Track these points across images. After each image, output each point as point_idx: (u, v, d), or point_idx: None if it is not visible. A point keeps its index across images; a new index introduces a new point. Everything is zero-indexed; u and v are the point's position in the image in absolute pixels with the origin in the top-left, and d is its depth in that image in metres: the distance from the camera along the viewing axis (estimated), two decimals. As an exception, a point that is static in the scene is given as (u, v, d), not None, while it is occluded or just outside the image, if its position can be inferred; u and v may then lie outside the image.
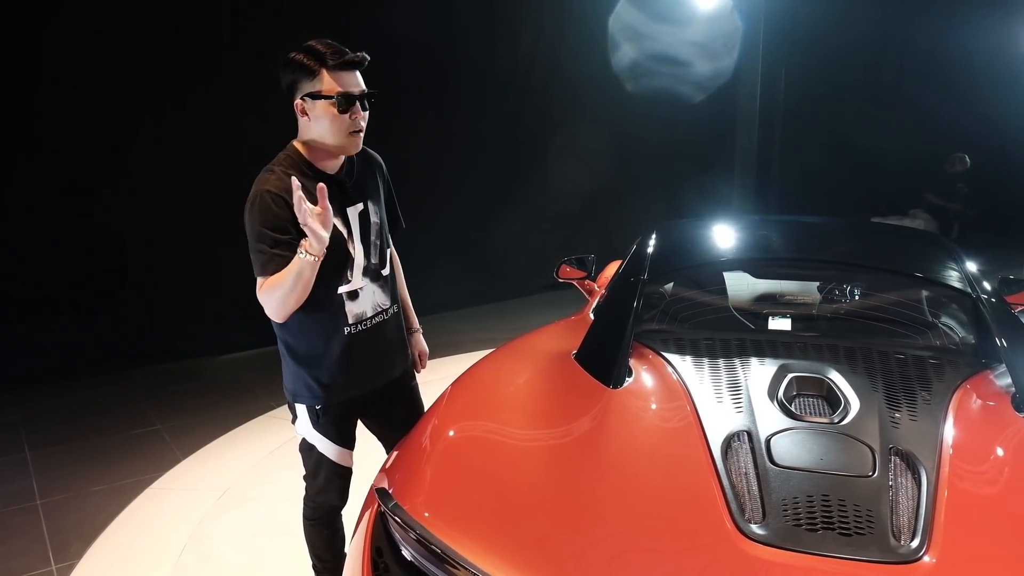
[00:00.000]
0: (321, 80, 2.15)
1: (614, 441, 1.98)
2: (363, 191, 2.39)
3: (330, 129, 2.19)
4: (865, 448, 1.84)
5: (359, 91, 2.20)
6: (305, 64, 2.15)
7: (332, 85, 2.15)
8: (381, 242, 2.44)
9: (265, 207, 2.15)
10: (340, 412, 2.47)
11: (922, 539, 1.55)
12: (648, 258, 3.02)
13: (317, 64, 2.14)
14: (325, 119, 2.18)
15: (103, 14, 5.71)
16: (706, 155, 10.29)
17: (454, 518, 1.71)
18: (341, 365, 2.39)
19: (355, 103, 2.19)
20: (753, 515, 1.65)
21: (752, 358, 2.37)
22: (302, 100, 2.19)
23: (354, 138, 2.24)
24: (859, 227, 4.09)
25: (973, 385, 2.22)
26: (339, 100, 2.15)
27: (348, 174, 2.36)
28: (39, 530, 3.67)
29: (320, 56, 2.14)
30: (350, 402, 2.48)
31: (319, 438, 2.48)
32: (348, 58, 2.17)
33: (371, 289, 2.42)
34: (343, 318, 2.35)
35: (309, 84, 2.16)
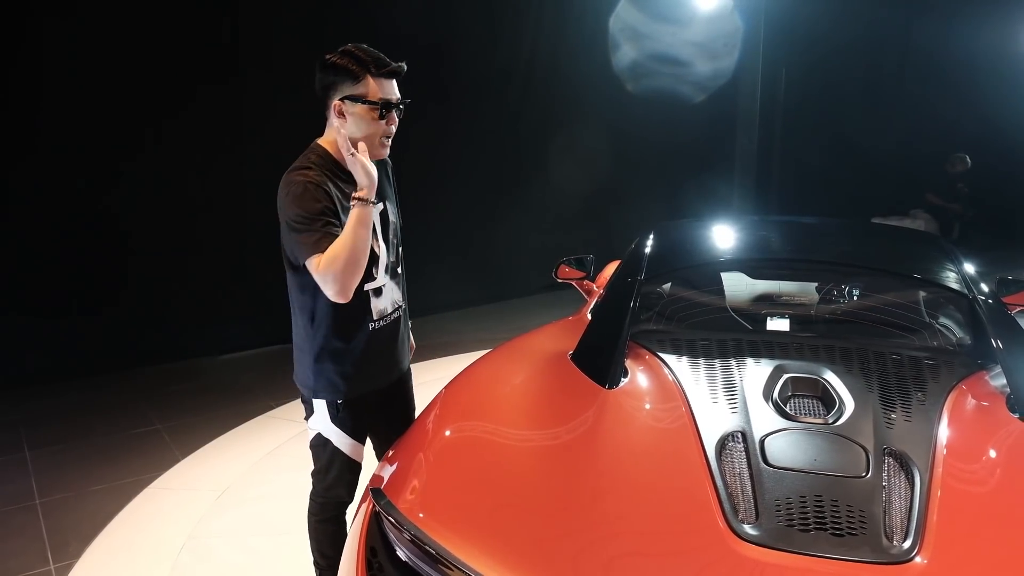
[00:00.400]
0: (364, 85, 2.23)
1: (609, 442, 1.99)
2: (383, 192, 2.44)
3: (366, 133, 2.26)
4: (859, 449, 1.84)
5: (396, 99, 2.29)
6: (350, 68, 2.22)
7: (375, 91, 2.23)
8: (398, 240, 2.54)
9: (311, 194, 2.20)
10: (359, 406, 2.50)
11: (914, 540, 1.56)
12: (645, 258, 3.03)
13: (362, 69, 2.22)
14: (363, 122, 2.25)
15: (107, 15, 5.72)
16: (706, 155, 10.30)
17: (448, 519, 1.72)
18: (365, 359, 2.44)
19: (392, 111, 2.28)
20: (746, 516, 1.65)
21: (748, 359, 2.37)
22: (341, 102, 2.25)
23: (385, 144, 2.33)
24: (856, 228, 4.10)
25: (968, 386, 2.22)
26: (382, 106, 2.24)
27: None
28: (38, 529, 3.68)
29: (365, 62, 2.22)
30: (368, 396, 2.51)
31: (336, 432, 2.50)
32: (392, 67, 2.26)
33: (391, 286, 2.49)
34: (369, 314, 2.41)
35: (351, 87, 2.23)
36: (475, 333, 6.89)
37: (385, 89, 2.25)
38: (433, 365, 5.69)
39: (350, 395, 2.46)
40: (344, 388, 2.44)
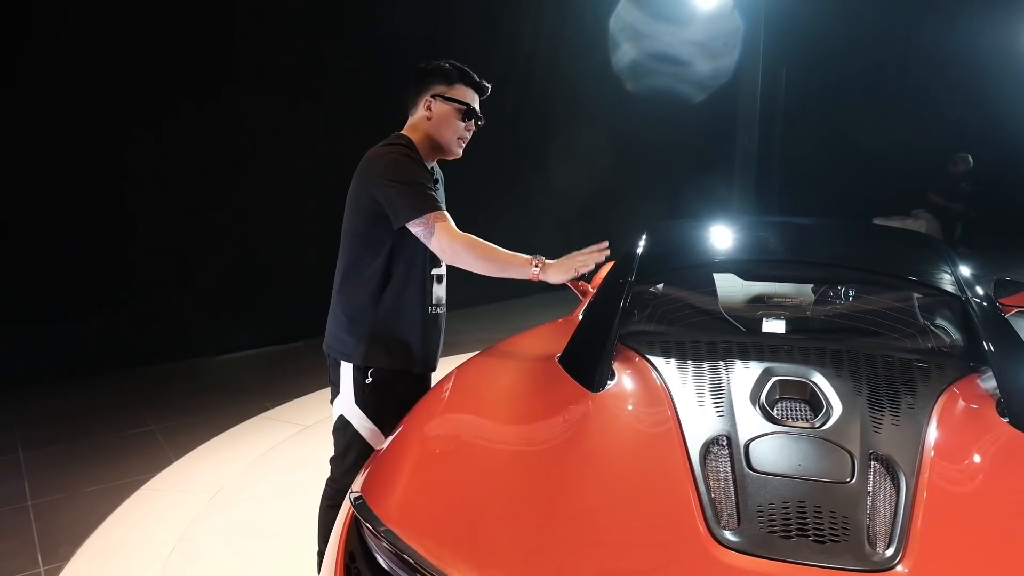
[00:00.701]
0: (456, 89, 2.57)
1: (593, 446, 1.96)
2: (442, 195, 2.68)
3: (448, 130, 2.59)
4: (844, 453, 1.81)
5: (478, 111, 2.63)
6: (448, 72, 2.57)
7: (463, 96, 2.58)
8: None
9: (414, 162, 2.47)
10: (386, 386, 2.58)
11: (898, 547, 1.53)
12: (636, 259, 3.01)
13: (457, 75, 2.57)
14: (448, 120, 2.58)
15: (109, 17, 5.71)
16: (706, 155, 10.28)
17: (428, 525, 1.69)
18: (414, 338, 2.59)
19: (472, 118, 2.61)
20: (728, 522, 1.63)
21: (737, 361, 2.35)
22: (432, 99, 2.56)
23: (459, 144, 2.65)
24: (849, 228, 4.06)
25: (959, 389, 2.19)
26: (466, 109, 2.58)
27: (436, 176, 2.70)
28: (29, 531, 3.67)
29: (461, 71, 2.58)
30: (396, 376, 2.59)
31: (358, 414, 2.58)
32: (480, 82, 2.63)
33: (445, 279, 2.70)
34: (428, 298, 2.60)
35: (444, 88, 2.56)
36: (473, 333, 6.86)
37: (471, 97, 2.60)
38: (430, 366, 5.66)
39: (392, 365, 2.56)
40: (386, 359, 2.55)
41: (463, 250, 2.40)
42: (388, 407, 2.58)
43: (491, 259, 2.42)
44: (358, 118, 6.10)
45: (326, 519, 2.63)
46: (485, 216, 8.30)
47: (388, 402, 2.59)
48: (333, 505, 2.59)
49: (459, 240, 2.42)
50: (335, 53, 6.72)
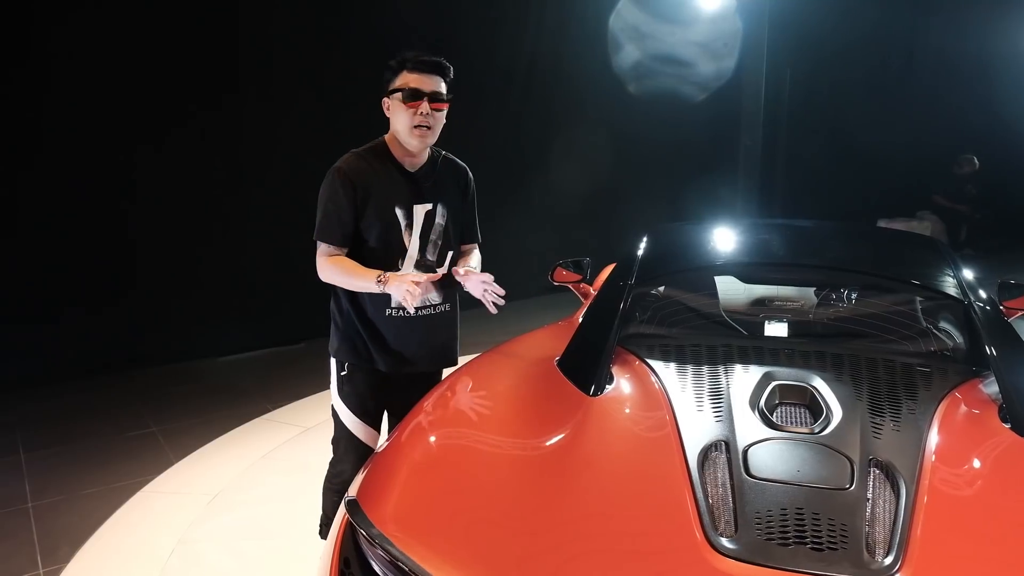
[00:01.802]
0: (398, 78, 2.48)
1: (590, 452, 1.94)
2: (437, 194, 2.64)
3: (400, 122, 2.50)
4: (844, 459, 1.80)
5: (428, 90, 2.47)
6: (391, 65, 2.50)
7: (406, 82, 2.46)
8: (443, 243, 2.68)
9: (331, 183, 2.53)
10: (364, 383, 2.68)
11: (897, 555, 1.51)
12: (637, 262, 2.99)
13: (400, 65, 2.48)
14: (398, 113, 2.49)
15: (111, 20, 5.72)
16: (710, 156, 10.24)
17: (423, 532, 1.68)
18: (376, 338, 2.63)
19: (421, 99, 2.45)
20: (726, 528, 1.61)
21: (736, 365, 2.33)
22: (386, 98, 2.52)
23: (417, 132, 2.49)
24: (851, 231, 4.04)
25: (961, 394, 2.18)
26: (405, 93, 2.45)
27: (426, 175, 2.63)
28: (29, 533, 3.66)
29: (402, 58, 2.48)
30: (375, 377, 2.68)
31: (342, 407, 2.72)
32: (423, 59, 2.47)
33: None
34: (386, 300, 2.58)
35: (391, 83, 2.50)
36: (474, 336, 6.79)
37: (417, 80, 2.46)
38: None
39: (356, 366, 2.66)
40: (350, 356, 2.65)
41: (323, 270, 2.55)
42: (366, 401, 2.71)
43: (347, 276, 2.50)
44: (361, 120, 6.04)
45: (324, 496, 2.85)
46: (485, 217, 8.30)
47: (364, 396, 2.70)
48: (329, 486, 2.83)
49: (319, 267, 2.55)
50: (337, 56, 6.71)
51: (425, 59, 2.47)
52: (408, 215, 2.57)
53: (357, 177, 2.50)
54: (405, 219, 2.56)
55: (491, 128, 8.18)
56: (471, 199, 2.83)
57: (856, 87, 11.23)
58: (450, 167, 2.74)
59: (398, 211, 2.55)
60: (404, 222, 2.56)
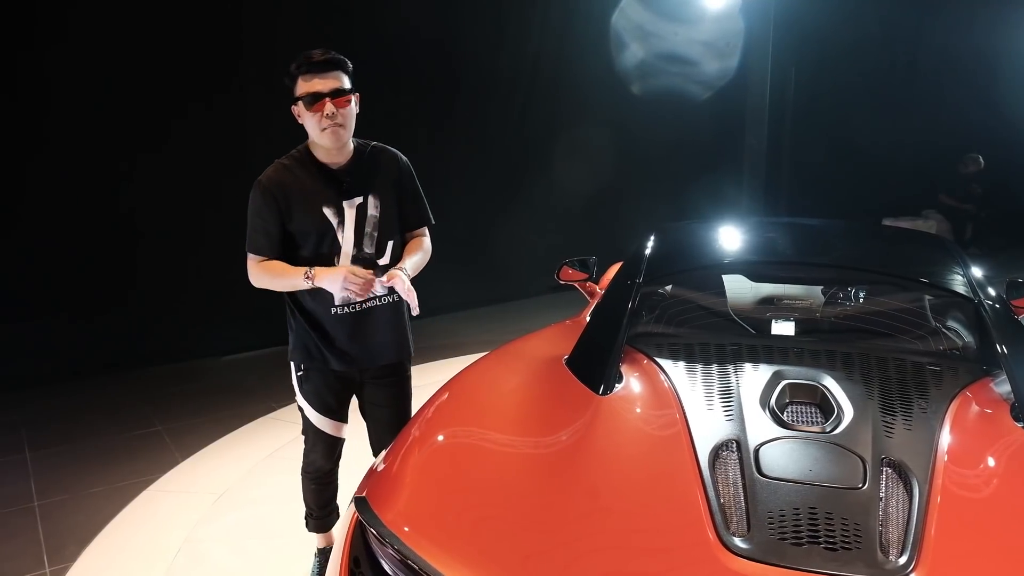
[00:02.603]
0: (297, 87, 2.48)
1: (600, 451, 1.94)
2: (366, 186, 2.64)
3: (310, 127, 2.51)
4: (856, 459, 1.78)
5: (328, 89, 2.45)
6: (285, 79, 2.51)
7: (303, 88, 2.47)
8: (380, 234, 2.67)
9: (254, 195, 2.56)
10: (320, 382, 2.75)
11: (911, 554, 1.50)
12: (645, 261, 2.98)
13: (295, 73, 2.48)
14: (306, 119, 2.51)
15: (112, 19, 5.71)
16: (714, 155, 10.22)
17: (433, 531, 1.67)
18: (325, 340, 2.67)
19: (322, 100, 2.44)
20: (738, 528, 1.60)
21: (746, 364, 2.32)
22: (294, 107, 2.52)
23: (329, 132, 2.49)
24: (859, 229, 4.02)
25: (972, 393, 2.16)
26: (305, 100, 2.46)
27: (351, 171, 2.62)
28: (35, 532, 3.66)
29: (292, 69, 2.48)
30: (331, 376, 2.74)
31: (304, 404, 2.80)
32: (314, 61, 2.45)
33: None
34: (329, 299, 2.61)
35: (292, 92, 2.51)
36: (479, 335, 6.84)
37: (312, 83, 2.45)
38: (436, 367, 5.66)
39: (309, 367, 2.73)
40: (305, 359, 2.72)
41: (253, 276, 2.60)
42: (325, 398, 2.78)
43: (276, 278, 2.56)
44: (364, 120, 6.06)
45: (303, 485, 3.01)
46: (490, 217, 8.33)
47: (323, 394, 2.77)
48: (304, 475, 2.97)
49: (251, 275, 2.61)
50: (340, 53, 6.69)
51: (315, 60, 2.46)
52: (338, 213, 2.58)
53: (278, 188, 2.53)
54: (336, 217, 2.58)
55: (495, 127, 8.18)
56: (408, 183, 2.79)
57: (861, 86, 11.20)
58: (379, 157, 2.71)
59: (326, 211, 2.56)
60: (335, 220, 2.58)
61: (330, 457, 2.89)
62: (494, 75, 8.08)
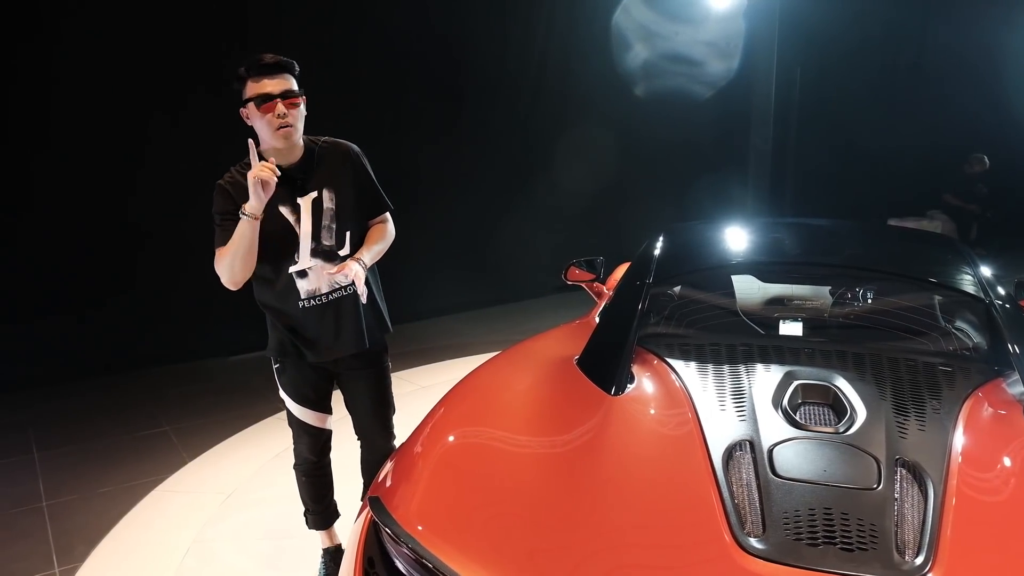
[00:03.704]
0: (246, 89, 2.52)
1: (613, 451, 1.94)
2: (320, 180, 2.67)
3: (261, 128, 2.55)
4: (870, 459, 1.78)
5: (278, 91, 2.50)
6: (239, 75, 2.52)
7: (252, 90, 2.50)
8: (338, 225, 2.69)
9: (219, 195, 2.61)
10: (296, 374, 2.81)
11: (927, 555, 1.50)
12: (654, 261, 2.98)
13: (244, 75, 2.51)
14: (257, 121, 2.54)
15: (112, 18, 5.72)
16: (720, 156, 10.21)
17: (447, 530, 1.68)
18: (297, 334, 2.71)
19: (273, 100, 2.48)
20: (753, 528, 1.60)
21: (758, 364, 2.32)
22: (243, 109, 2.57)
23: (281, 133, 2.53)
24: (868, 230, 4.02)
25: (985, 393, 2.16)
26: (256, 100, 2.49)
27: (302, 167, 2.65)
28: (44, 532, 3.67)
29: (246, 67, 2.50)
30: (306, 367, 2.78)
31: (285, 396, 2.88)
32: (264, 63, 2.49)
33: (324, 268, 2.67)
34: (296, 293, 2.66)
35: (242, 94, 2.54)
36: (485, 335, 6.84)
37: (263, 86, 2.48)
38: (441, 368, 5.63)
39: (284, 360, 2.79)
40: (279, 351, 2.77)
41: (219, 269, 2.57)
42: (303, 390, 2.83)
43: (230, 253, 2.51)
44: (367, 119, 6.10)
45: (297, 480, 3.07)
46: (495, 217, 8.33)
47: (300, 386, 2.82)
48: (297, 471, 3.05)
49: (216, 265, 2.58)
50: (346, 54, 6.70)
51: (265, 63, 2.49)
52: (294, 209, 2.62)
53: (235, 189, 2.56)
54: (292, 214, 2.61)
55: (500, 128, 8.18)
56: (363, 173, 2.80)
57: (866, 86, 11.18)
58: (331, 151, 2.74)
59: (283, 209, 2.60)
60: (292, 217, 2.61)
61: (315, 449, 2.94)
62: (499, 76, 8.08)
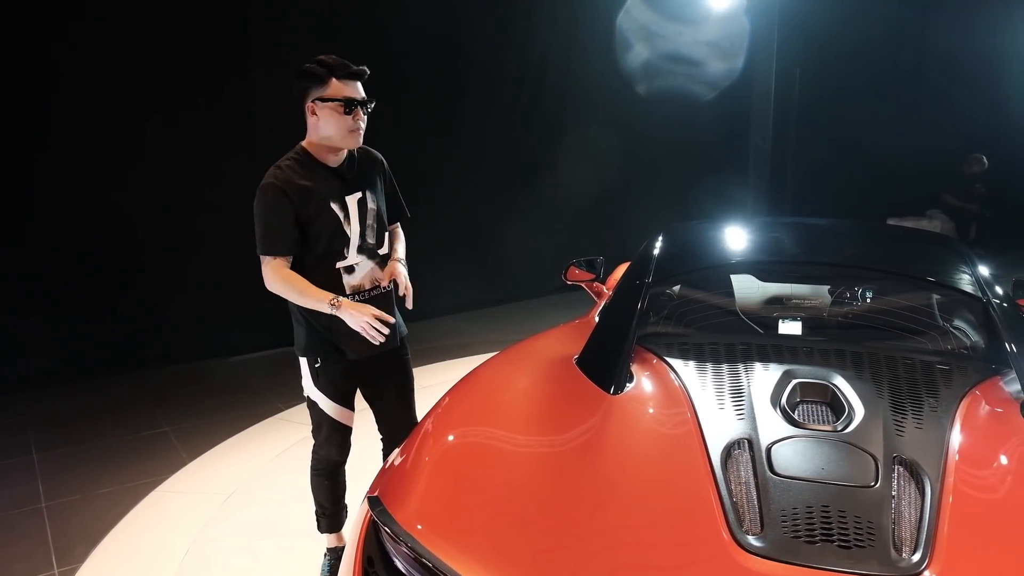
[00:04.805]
0: (330, 87, 2.59)
1: (612, 450, 1.94)
2: (362, 182, 2.80)
3: (335, 128, 2.62)
4: (868, 457, 1.79)
5: (360, 98, 2.65)
6: (318, 73, 2.59)
7: (339, 91, 2.59)
8: (378, 225, 2.83)
9: (266, 197, 2.62)
10: (337, 371, 2.82)
11: (924, 552, 1.51)
12: (653, 261, 2.99)
13: (328, 74, 2.58)
14: (330, 120, 2.61)
15: (113, 18, 5.73)
16: (720, 156, 10.23)
17: (446, 529, 1.68)
18: (339, 329, 2.70)
19: (357, 107, 2.63)
20: (751, 526, 1.61)
21: (756, 363, 2.33)
22: (313, 103, 2.61)
23: (353, 135, 2.66)
24: (867, 229, 4.03)
25: (982, 392, 2.17)
26: (345, 104, 2.59)
27: (349, 168, 2.77)
28: (43, 533, 3.67)
29: (331, 67, 2.59)
30: (345, 364, 2.81)
31: (319, 395, 2.85)
32: (353, 70, 2.63)
33: (368, 265, 2.80)
34: (341, 289, 2.73)
35: (319, 90, 2.59)
36: (486, 335, 6.85)
37: (348, 90, 2.61)
38: (442, 367, 5.64)
39: (326, 358, 2.79)
40: (319, 351, 2.79)
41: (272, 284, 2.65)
42: (341, 386, 2.86)
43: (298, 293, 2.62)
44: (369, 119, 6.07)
45: (313, 484, 3.04)
46: (496, 217, 8.34)
47: (339, 382, 2.84)
48: (317, 473, 3.01)
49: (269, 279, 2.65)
50: (345, 55, 6.69)
51: (354, 69, 2.63)
52: (343, 207, 2.72)
53: (289, 186, 2.61)
54: (342, 211, 2.71)
55: (502, 128, 8.19)
56: (390, 180, 2.97)
57: (866, 86, 11.19)
58: (365, 157, 2.87)
59: (334, 206, 2.69)
60: (342, 214, 2.71)
61: (343, 449, 2.95)
62: (500, 76, 8.09)
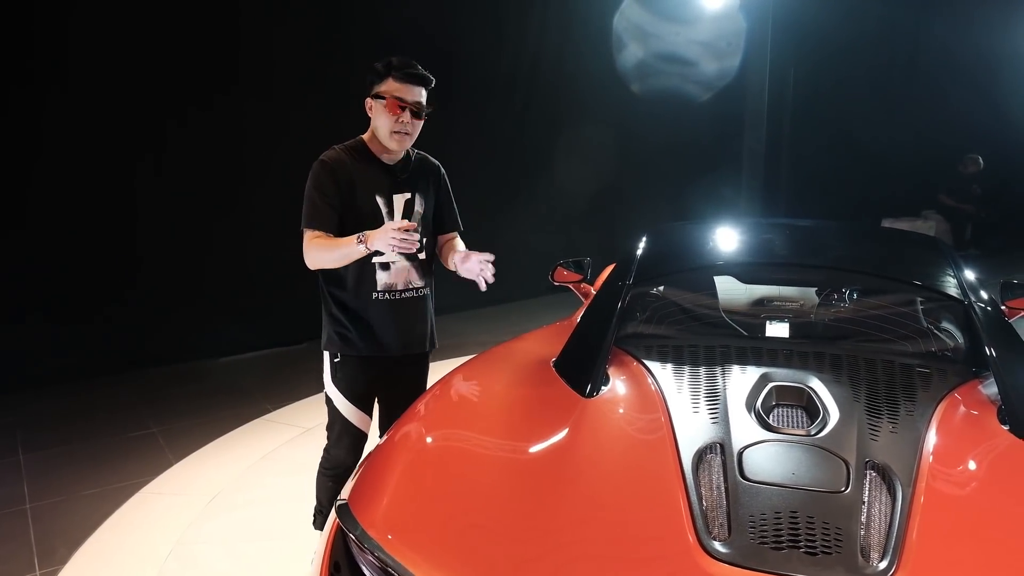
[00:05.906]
0: (385, 84, 2.64)
1: (584, 455, 1.92)
2: (414, 185, 2.82)
3: (381, 125, 2.67)
4: (840, 462, 1.77)
5: (411, 101, 2.64)
6: (377, 70, 2.65)
7: (391, 90, 2.62)
8: (421, 229, 2.75)
9: (316, 173, 2.67)
10: (355, 369, 2.81)
11: (892, 559, 1.49)
12: (636, 262, 2.97)
13: (386, 71, 2.63)
14: (380, 117, 2.66)
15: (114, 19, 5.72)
16: (714, 156, 10.21)
17: (413, 536, 1.66)
18: (364, 324, 2.75)
19: (404, 109, 2.63)
20: (719, 532, 1.59)
21: (734, 366, 2.31)
22: (369, 99, 2.68)
23: (396, 137, 2.67)
24: (852, 230, 4.00)
25: (961, 395, 2.15)
26: (389, 101, 2.61)
27: (403, 168, 2.80)
28: (27, 535, 3.65)
29: (390, 66, 2.63)
30: (365, 362, 2.81)
31: (336, 393, 2.85)
32: (412, 72, 2.64)
33: (404, 266, 2.80)
34: (371, 284, 2.74)
35: (377, 86, 2.65)
36: (478, 336, 6.83)
37: (402, 90, 2.62)
38: (435, 368, 5.55)
39: (347, 352, 2.78)
40: (340, 345, 2.78)
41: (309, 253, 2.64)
42: (357, 386, 2.84)
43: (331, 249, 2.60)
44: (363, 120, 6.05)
45: (319, 482, 2.98)
46: (490, 217, 8.31)
47: (356, 382, 2.83)
48: (324, 472, 2.96)
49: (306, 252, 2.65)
50: (339, 55, 6.70)
51: (412, 72, 2.63)
52: (388, 203, 2.74)
53: (340, 167, 2.66)
54: (386, 207, 2.73)
55: (495, 128, 8.17)
56: (446, 191, 2.99)
57: (860, 86, 11.19)
58: (423, 163, 2.90)
59: (379, 199, 2.71)
60: (385, 210, 2.72)
61: (355, 453, 2.91)
62: (494, 75, 8.07)
